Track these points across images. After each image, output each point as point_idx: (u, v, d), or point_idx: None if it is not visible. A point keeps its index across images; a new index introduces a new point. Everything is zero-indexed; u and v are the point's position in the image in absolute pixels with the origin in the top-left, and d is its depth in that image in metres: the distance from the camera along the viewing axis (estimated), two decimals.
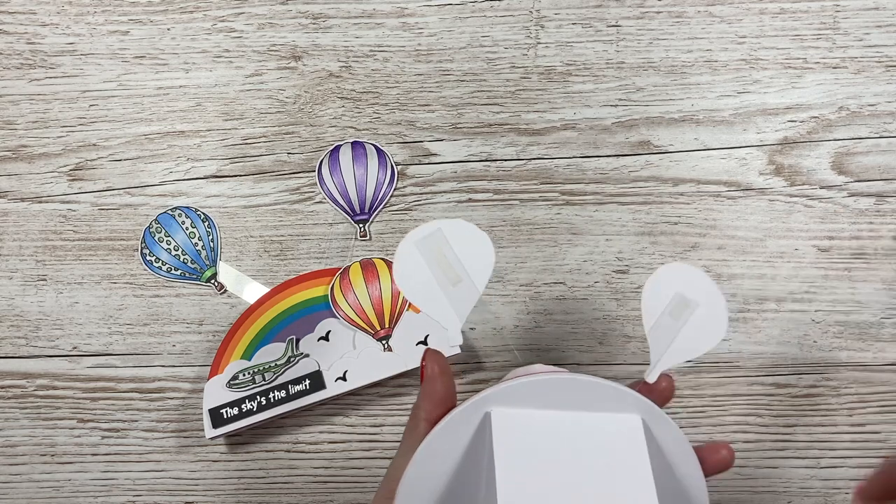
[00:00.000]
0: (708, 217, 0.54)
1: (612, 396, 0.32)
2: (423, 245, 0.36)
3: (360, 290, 0.52)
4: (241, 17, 0.57)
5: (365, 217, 0.55)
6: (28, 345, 0.54)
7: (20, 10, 0.58)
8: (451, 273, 0.36)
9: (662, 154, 0.55)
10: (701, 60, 0.56)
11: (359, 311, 0.51)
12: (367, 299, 0.52)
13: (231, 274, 0.54)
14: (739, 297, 0.53)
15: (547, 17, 0.57)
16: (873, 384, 0.52)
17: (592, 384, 0.32)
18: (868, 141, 0.55)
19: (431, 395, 0.34)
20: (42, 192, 0.56)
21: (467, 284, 0.36)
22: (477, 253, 0.36)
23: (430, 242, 0.36)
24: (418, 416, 0.34)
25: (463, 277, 0.36)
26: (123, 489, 0.52)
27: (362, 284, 0.52)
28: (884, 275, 0.53)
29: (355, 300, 0.52)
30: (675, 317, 0.35)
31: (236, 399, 0.50)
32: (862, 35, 0.56)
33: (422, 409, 0.34)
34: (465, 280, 0.36)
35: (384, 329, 0.51)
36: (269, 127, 0.56)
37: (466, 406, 0.32)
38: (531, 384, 0.32)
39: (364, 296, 0.52)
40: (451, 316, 0.36)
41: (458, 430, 0.32)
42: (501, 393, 0.32)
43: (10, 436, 0.53)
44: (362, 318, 0.51)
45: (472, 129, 0.56)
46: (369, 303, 0.52)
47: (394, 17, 0.57)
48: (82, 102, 0.57)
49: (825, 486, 0.51)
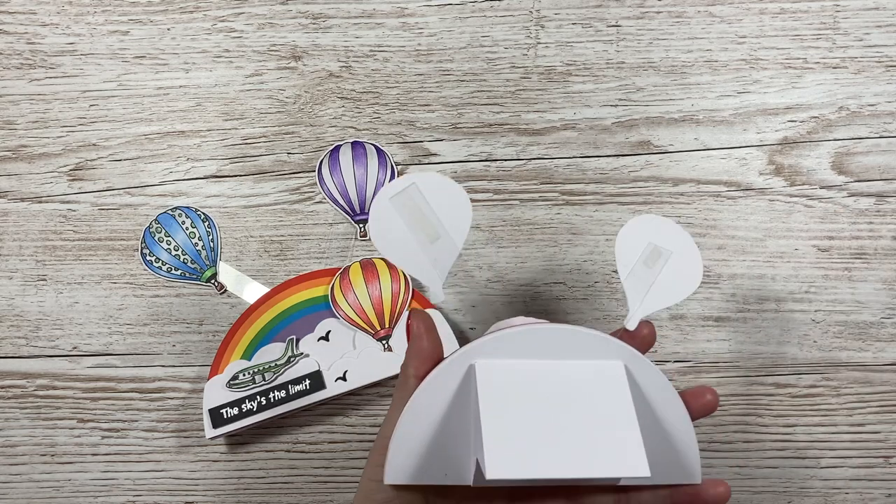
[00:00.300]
0: (708, 217, 0.54)
1: (594, 344, 0.33)
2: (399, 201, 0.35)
3: (360, 290, 0.52)
4: (241, 17, 0.57)
5: (365, 217, 0.55)
6: (28, 345, 0.54)
7: (20, 10, 0.58)
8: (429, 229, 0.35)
9: (662, 154, 0.55)
10: (701, 60, 0.56)
11: (359, 311, 0.51)
12: (367, 299, 0.52)
13: (231, 274, 0.54)
14: (739, 296, 0.53)
15: (547, 17, 0.57)
16: (873, 384, 0.52)
17: (573, 332, 0.32)
18: (868, 141, 0.55)
19: (419, 352, 0.34)
20: (42, 192, 0.56)
21: (446, 240, 0.35)
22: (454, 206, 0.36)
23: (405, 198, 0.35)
24: (407, 374, 0.34)
25: (441, 233, 0.35)
26: (123, 489, 0.52)
27: (362, 284, 0.52)
28: (884, 275, 0.53)
29: (355, 300, 0.52)
30: (649, 265, 0.35)
31: (236, 399, 0.50)
32: (862, 35, 0.56)
33: (410, 367, 0.34)
34: (443, 236, 0.35)
35: (384, 329, 0.51)
36: (269, 127, 0.56)
37: (452, 359, 0.32)
38: (513, 335, 0.32)
39: (364, 296, 0.52)
40: (432, 273, 0.35)
41: (445, 383, 0.33)
42: (485, 345, 0.32)
43: (10, 436, 0.53)
44: (362, 318, 0.51)
45: (472, 129, 0.56)
46: (369, 303, 0.52)
47: (394, 17, 0.57)
48: (82, 102, 0.57)
49: (825, 486, 0.51)
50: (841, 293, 0.53)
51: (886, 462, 0.51)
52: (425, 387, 0.33)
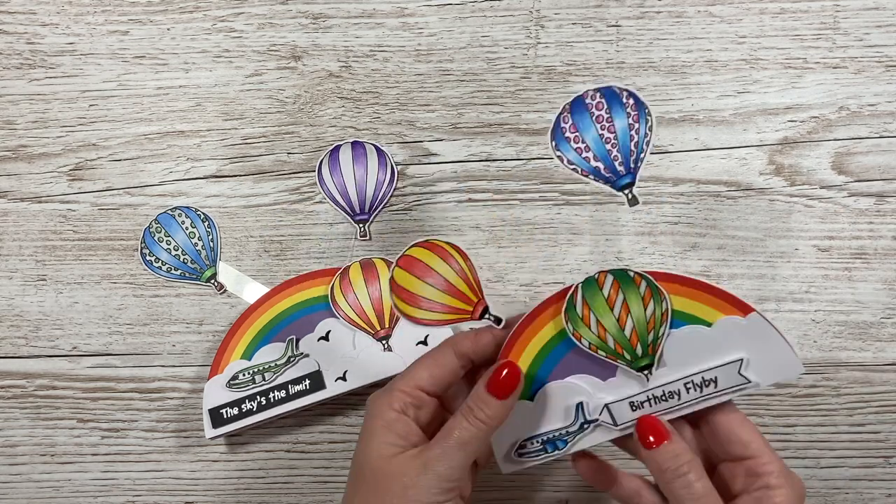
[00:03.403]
0: (708, 217, 0.54)
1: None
2: None
3: (360, 290, 0.52)
4: (240, 17, 0.57)
5: (365, 217, 0.55)
6: (28, 345, 0.54)
7: (20, 10, 0.58)
8: None
9: (662, 154, 0.55)
10: (701, 60, 0.56)
11: (359, 311, 0.51)
12: (367, 299, 0.52)
13: (231, 274, 0.54)
14: (739, 297, 0.53)
15: (547, 16, 0.57)
16: (873, 384, 0.52)
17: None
18: (868, 141, 0.55)
19: (508, 409, 0.37)
20: (42, 192, 0.56)
21: None
22: None
23: None
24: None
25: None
26: (123, 489, 0.52)
27: (362, 284, 0.52)
28: (884, 275, 0.53)
29: (355, 300, 0.52)
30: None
31: (236, 399, 0.50)
32: (862, 35, 0.56)
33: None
34: None
35: (384, 329, 0.51)
36: (269, 127, 0.56)
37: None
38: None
39: (364, 296, 0.52)
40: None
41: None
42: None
43: (10, 436, 0.53)
44: (362, 318, 0.51)
45: (472, 129, 0.56)
46: (369, 303, 0.52)
47: (394, 17, 0.57)
48: (82, 102, 0.57)
49: (825, 486, 0.51)
50: (841, 293, 0.53)
51: (886, 462, 0.51)
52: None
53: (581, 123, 0.38)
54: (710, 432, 0.38)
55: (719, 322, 0.37)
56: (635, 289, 0.37)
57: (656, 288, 0.37)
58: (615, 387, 0.38)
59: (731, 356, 0.37)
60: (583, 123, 0.38)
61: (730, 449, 0.37)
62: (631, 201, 0.38)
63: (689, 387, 0.37)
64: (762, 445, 0.36)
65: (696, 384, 0.37)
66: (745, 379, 0.36)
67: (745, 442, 0.36)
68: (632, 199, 0.38)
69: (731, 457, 0.37)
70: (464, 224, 0.54)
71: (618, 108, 0.37)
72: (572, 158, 0.38)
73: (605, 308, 0.37)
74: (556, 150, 0.38)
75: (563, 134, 0.38)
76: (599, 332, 0.37)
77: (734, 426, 0.37)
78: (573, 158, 0.38)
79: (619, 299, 0.37)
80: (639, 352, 0.37)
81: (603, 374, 0.38)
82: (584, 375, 0.38)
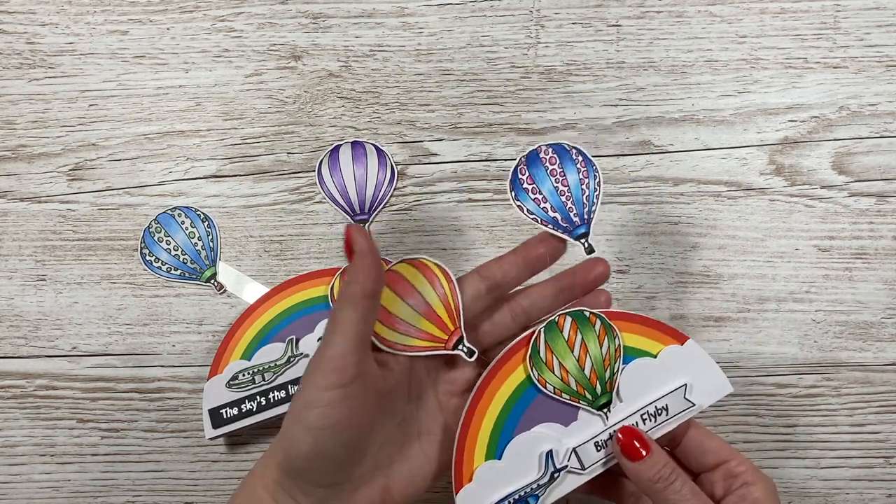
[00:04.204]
0: (708, 217, 0.54)
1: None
2: None
3: None
4: (240, 17, 0.57)
5: (365, 217, 0.54)
6: (27, 345, 0.54)
7: (19, 10, 0.58)
8: None
9: (663, 154, 0.55)
10: (701, 60, 0.56)
11: None
12: None
13: (231, 274, 0.54)
14: (740, 297, 0.53)
15: (547, 16, 0.57)
16: (874, 384, 0.52)
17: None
18: (868, 141, 0.55)
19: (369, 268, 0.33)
20: (41, 191, 0.56)
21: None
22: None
23: None
24: (354, 292, 0.33)
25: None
26: (123, 489, 0.52)
27: None
28: (884, 275, 0.53)
29: None
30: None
31: (236, 399, 0.50)
32: (862, 35, 0.56)
33: (357, 284, 0.33)
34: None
35: None
36: (269, 127, 0.56)
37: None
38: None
39: None
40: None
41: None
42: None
43: (9, 436, 0.53)
44: None
45: (472, 129, 0.56)
46: None
47: (394, 17, 0.57)
48: (82, 102, 0.57)
49: (826, 486, 0.51)
50: (841, 293, 0.53)
51: (887, 462, 0.51)
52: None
53: (537, 176, 0.40)
54: (682, 450, 0.41)
55: (662, 352, 0.39)
56: (591, 328, 0.39)
57: (609, 325, 0.39)
58: (578, 430, 0.39)
59: (675, 383, 0.39)
60: (538, 176, 0.40)
61: (704, 460, 0.40)
62: (587, 250, 0.40)
63: (645, 417, 0.39)
64: (731, 450, 0.39)
65: (651, 413, 0.39)
66: (690, 402, 0.39)
67: (716, 450, 0.39)
68: (588, 247, 0.40)
69: (706, 467, 0.40)
70: (464, 224, 0.54)
71: (569, 164, 0.40)
72: (531, 208, 0.40)
73: (566, 350, 0.39)
74: (515, 200, 0.39)
75: (522, 185, 0.40)
76: (562, 375, 0.38)
77: (703, 438, 0.40)
78: (532, 208, 0.40)
79: (578, 339, 0.39)
80: (598, 390, 0.38)
81: (565, 419, 0.39)
82: (549, 423, 0.39)
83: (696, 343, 0.40)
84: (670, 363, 0.39)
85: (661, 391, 0.39)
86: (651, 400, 0.39)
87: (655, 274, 0.53)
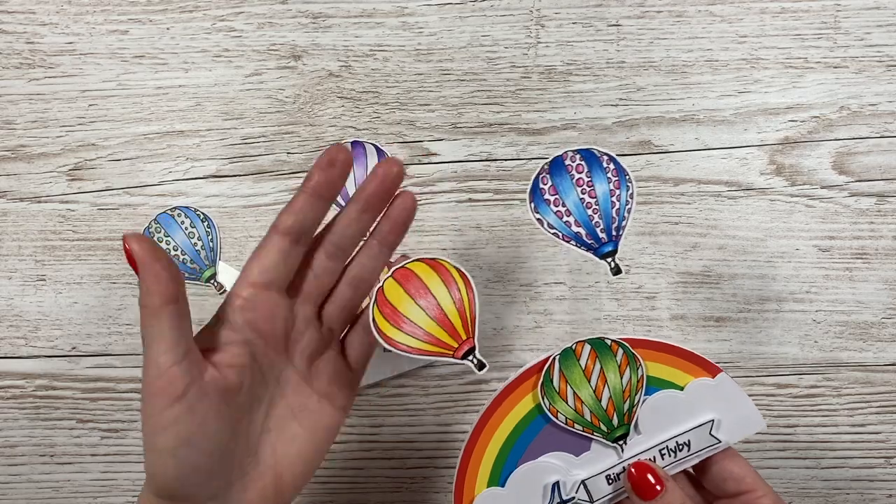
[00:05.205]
0: (709, 217, 0.54)
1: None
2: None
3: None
4: (240, 17, 0.57)
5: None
6: (27, 345, 0.54)
7: (19, 10, 0.58)
8: None
9: (663, 154, 0.55)
10: (702, 60, 0.56)
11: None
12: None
13: (231, 274, 0.54)
14: (740, 296, 0.53)
15: (547, 16, 0.57)
16: (874, 384, 0.52)
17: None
18: (869, 141, 0.54)
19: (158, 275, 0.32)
20: (41, 191, 0.55)
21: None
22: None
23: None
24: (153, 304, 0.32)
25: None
26: (123, 489, 0.52)
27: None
28: (885, 275, 0.53)
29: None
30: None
31: None
32: (863, 35, 0.56)
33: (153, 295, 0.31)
34: None
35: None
36: (269, 127, 0.56)
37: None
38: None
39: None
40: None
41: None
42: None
43: (9, 436, 0.53)
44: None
45: (472, 129, 0.56)
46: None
47: (394, 17, 0.57)
48: (81, 102, 0.56)
49: (826, 486, 0.51)
50: (842, 293, 0.53)
51: (887, 462, 0.51)
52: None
53: (561, 186, 0.36)
54: (702, 472, 0.38)
55: (690, 385, 0.37)
56: (612, 357, 0.36)
57: (632, 355, 0.36)
58: (589, 461, 0.36)
59: (702, 418, 0.37)
60: (563, 186, 0.36)
61: (725, 486, 0.37)
62: (613, 270, 0.36)
63: (664, 452, 0.36)
64: (756, 479, 0.36)
65: (671, 449, 0.36)
66: (716, 439, 0.36)
67: (739, 477, 0.36)
68: (615, 268, 0.36)
69: (726, 494, 0.37)
70: (464, 224, 0.54)
71: (598, 172, 0.36)
72: (552, 222, 0.36)
73: (583, 379, 0.36)
74: (535, 213, 0.36)
75: (543, 195, 0.36)
76: (576, 406, 0.36)
77: (727, 463, 0.37)
78: (553, 222, 0.36)
79: (597, 369, 0.36)
80: (615, 422, 0.36)
81: (577, 449, 0.37)
82: (558, 453, 0.36)
83: (728, 377, 0.37)
84: (698, 396, 0.36)
85: (685, 426, 0.36)
86: (672, 435, 0.36)
87: (655, 274, 0.53)
